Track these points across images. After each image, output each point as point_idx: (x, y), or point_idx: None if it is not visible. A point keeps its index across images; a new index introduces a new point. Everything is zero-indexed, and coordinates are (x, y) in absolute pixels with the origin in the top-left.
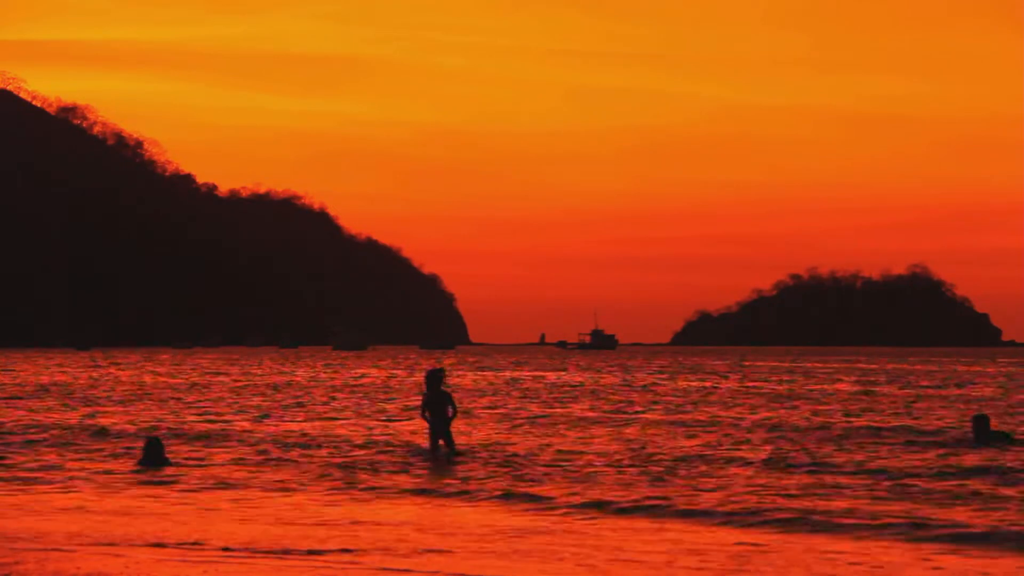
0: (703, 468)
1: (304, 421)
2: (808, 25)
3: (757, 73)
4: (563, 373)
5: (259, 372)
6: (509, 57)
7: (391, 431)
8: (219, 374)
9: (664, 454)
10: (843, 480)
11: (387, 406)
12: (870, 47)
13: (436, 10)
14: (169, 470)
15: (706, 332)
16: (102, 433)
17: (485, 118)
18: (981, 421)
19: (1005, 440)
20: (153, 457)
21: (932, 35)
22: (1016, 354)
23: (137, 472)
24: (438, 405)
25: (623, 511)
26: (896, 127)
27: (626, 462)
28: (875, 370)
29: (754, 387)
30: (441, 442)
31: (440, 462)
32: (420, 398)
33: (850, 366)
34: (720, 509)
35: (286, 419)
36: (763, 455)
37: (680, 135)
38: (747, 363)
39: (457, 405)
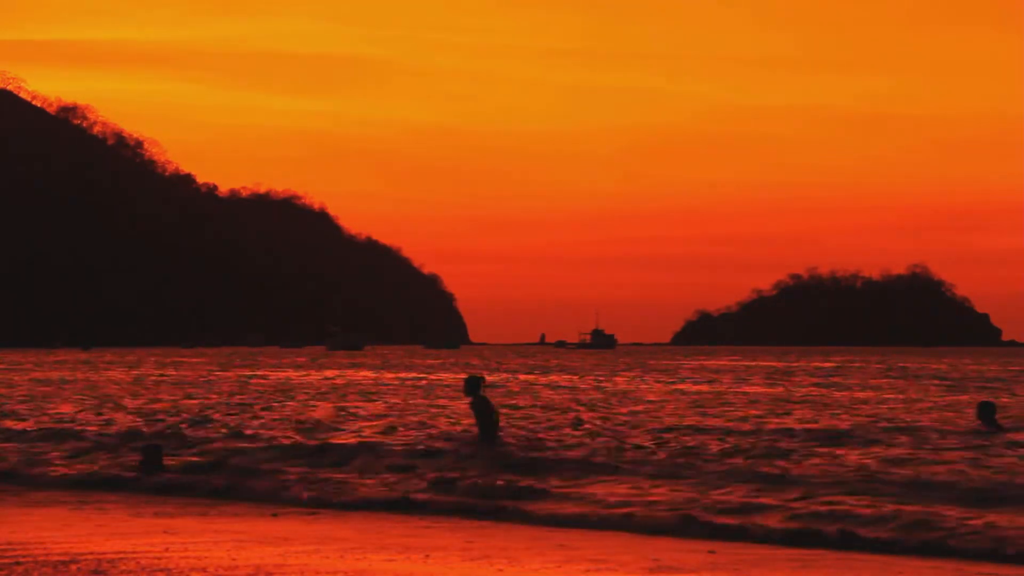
0: None
1: None
2: (807, 25)
3: (757, 73)
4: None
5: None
6: (508, 57)
7: None
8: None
9: None
10: None
11: None
12: (869, 47)
13: (435, 10)
14: (167, 476)
15: (706, 332)
16: None
17: (484, 118)
18: (987, 408)
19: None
20: (152, 464)
21: (931, 35)
22: (1017, 354)
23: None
24: (486, 412)
25: None
26: (896, 127)
27: None
28: None
29: None
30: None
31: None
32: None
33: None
34: None
35: None
36: None
37: (680, 135)
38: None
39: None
